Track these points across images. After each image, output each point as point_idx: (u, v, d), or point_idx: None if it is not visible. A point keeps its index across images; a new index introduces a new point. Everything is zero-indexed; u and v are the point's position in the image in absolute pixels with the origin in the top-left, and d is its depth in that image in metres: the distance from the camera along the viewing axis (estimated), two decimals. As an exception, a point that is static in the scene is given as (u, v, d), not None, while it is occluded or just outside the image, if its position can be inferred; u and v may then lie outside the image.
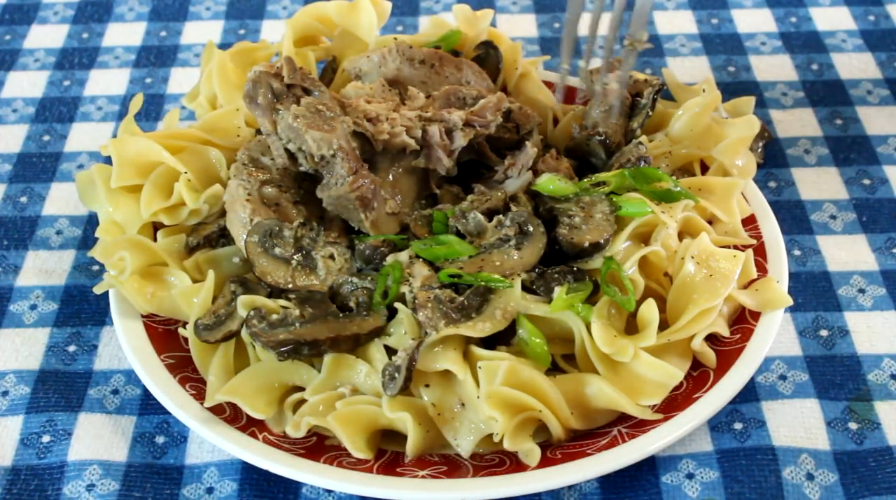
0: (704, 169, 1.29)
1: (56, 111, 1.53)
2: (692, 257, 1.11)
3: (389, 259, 1.12)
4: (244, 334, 1.09)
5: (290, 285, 1.11)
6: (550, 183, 1.17)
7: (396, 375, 1.02)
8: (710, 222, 1.21)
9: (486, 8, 1.46)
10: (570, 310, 1.06)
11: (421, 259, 1.11)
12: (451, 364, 1.03)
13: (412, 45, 1.33)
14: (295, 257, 1.12)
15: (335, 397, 1.05)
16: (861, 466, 1.05)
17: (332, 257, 1.13)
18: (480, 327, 1.05)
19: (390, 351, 1.07)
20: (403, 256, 1.12)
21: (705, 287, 1.09)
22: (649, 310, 1.07)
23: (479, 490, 0.99)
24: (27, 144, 1.47)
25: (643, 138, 1.25)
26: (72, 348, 1.20)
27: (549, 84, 1.40)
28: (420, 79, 1.31)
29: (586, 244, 1.10)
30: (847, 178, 1.37)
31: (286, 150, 1.16)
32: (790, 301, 1.12)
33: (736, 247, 1.18)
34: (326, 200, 1.16)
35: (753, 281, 1.15)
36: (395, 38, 1.37)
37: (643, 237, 1.15)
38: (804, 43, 1.61)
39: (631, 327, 1.10)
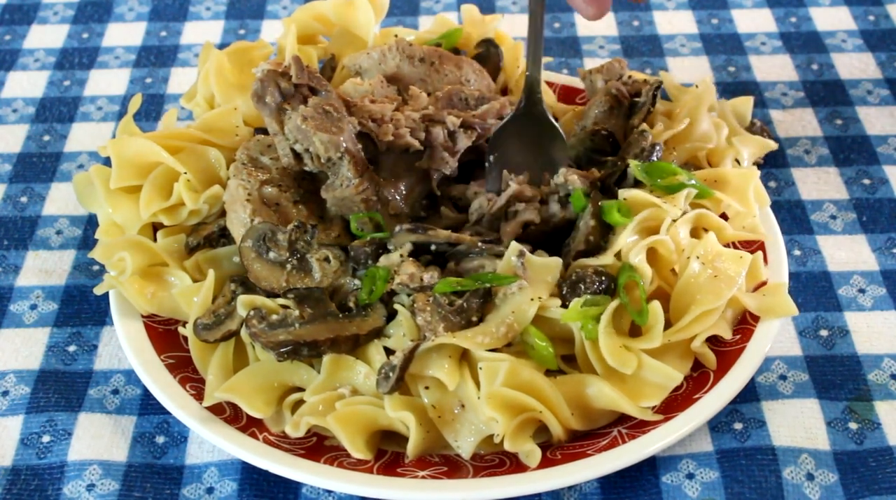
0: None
1: (56, 111, 1.53)
2: (697, 257, 1.10)
3: (382, 260, 1.11)
4: (244, 333, 1.09)
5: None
6: (615, 207, 1.13)
7: (391, 374, 1.02)
8: (722, 217, 1.20)
9: (485, 8, 1.46)
10: (581, 320, 1.06)
11: (410, 259, 1.11)
12: (442, 374, 1.03)
13: (412, 42, 1.33)
14: (290, 260, 1.12)
15: (335, 398, 1.05)
16: (861, 466, 1.05)
17: (327, 259, 1.13)
18: (480, 340, 1.04)
19: (390, 353, 1.07)
20: (395, 256, 1.11)
21: (709, 288, 1.09)
22: (655, 312, 1.07)
23: (479, 491, 0.99)
24: (27, 144, 1.47)
25: (645, 127, 1.24)
26: (72, 348, 1.20)
27: (549, 84, 1.40)
28: (419, 76, 1.31)
29: (571, 260, 1.12)
30: (847, 178, 1.37)
31: (292, 150, 1.16)
32: (795, 311, 1.11)
33: (745, 245, 1.17)
34: (331, 201, 1.16)
35: (763, 284, 1.15)
36: (396, 36, 1.37)
37: (651, 232, 1.13)
38: (804, 43, 1.61)
39: (634, 325, 1.10)
